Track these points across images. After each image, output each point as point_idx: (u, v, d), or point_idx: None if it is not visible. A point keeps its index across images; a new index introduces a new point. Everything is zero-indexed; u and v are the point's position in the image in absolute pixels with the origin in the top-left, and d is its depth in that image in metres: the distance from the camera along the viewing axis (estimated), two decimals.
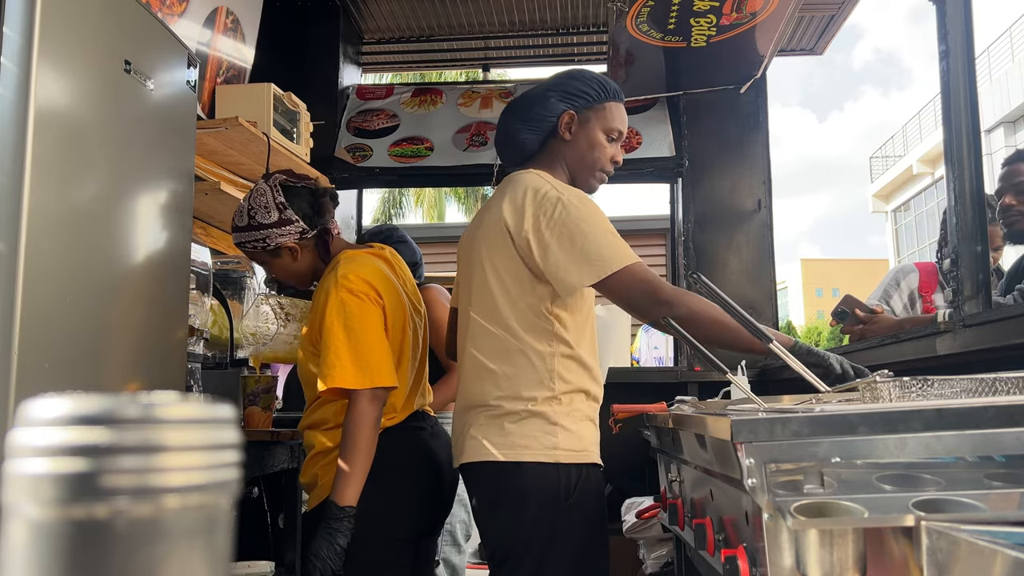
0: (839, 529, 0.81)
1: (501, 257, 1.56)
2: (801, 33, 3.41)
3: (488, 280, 1.58)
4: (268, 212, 1.76)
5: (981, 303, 1.51)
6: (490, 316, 1.57)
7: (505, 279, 1.56)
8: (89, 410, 0.23)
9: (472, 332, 1.60)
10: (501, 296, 1.56)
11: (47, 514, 0.23)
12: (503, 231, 1.56)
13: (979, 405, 0.86)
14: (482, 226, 1.63)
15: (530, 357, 1.53)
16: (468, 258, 1.67)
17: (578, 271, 1.49)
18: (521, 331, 1.54)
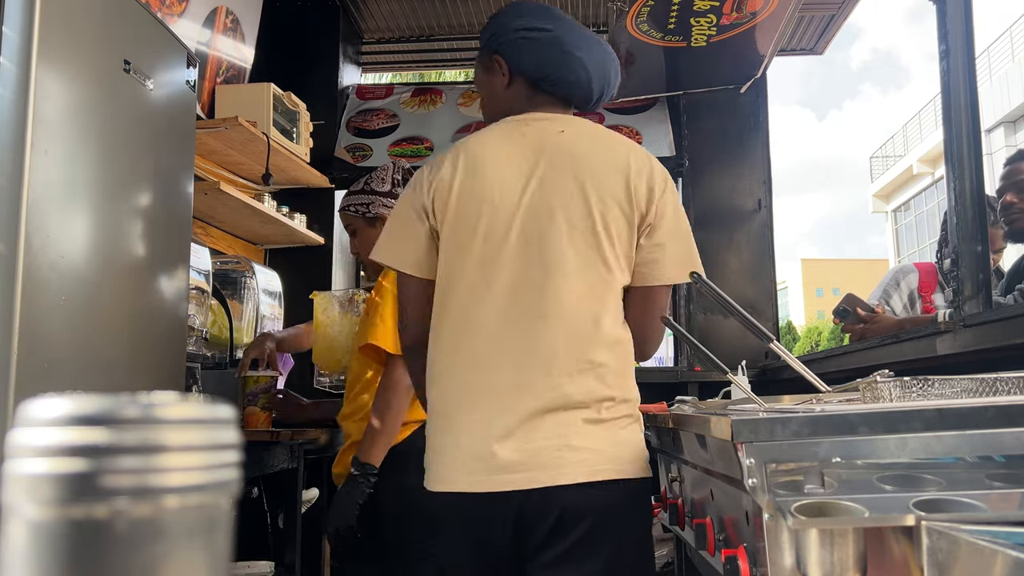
0: (839, 529, 0.80)
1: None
2: (801, 33, 3.41)
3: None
4: (383, 182, 1.96)
5: (981, 303, 1.51)
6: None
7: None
8: (88, 410, 0.23)
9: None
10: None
11: (47, 514, 0.23)
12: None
13: (979, 405, 0.86)
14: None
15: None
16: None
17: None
18: None
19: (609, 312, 1.31)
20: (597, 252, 1.30)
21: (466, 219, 1.31)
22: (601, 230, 1.30)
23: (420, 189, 1.34)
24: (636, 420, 1.33)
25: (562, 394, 1.24)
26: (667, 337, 5.47)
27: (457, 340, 1.28)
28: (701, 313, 3.22)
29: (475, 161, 1.33)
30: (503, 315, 1.27)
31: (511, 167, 1.32)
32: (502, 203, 1.30)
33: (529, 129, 1.36)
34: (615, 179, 1.32)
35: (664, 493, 1.85)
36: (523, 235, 1.29)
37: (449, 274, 1.31)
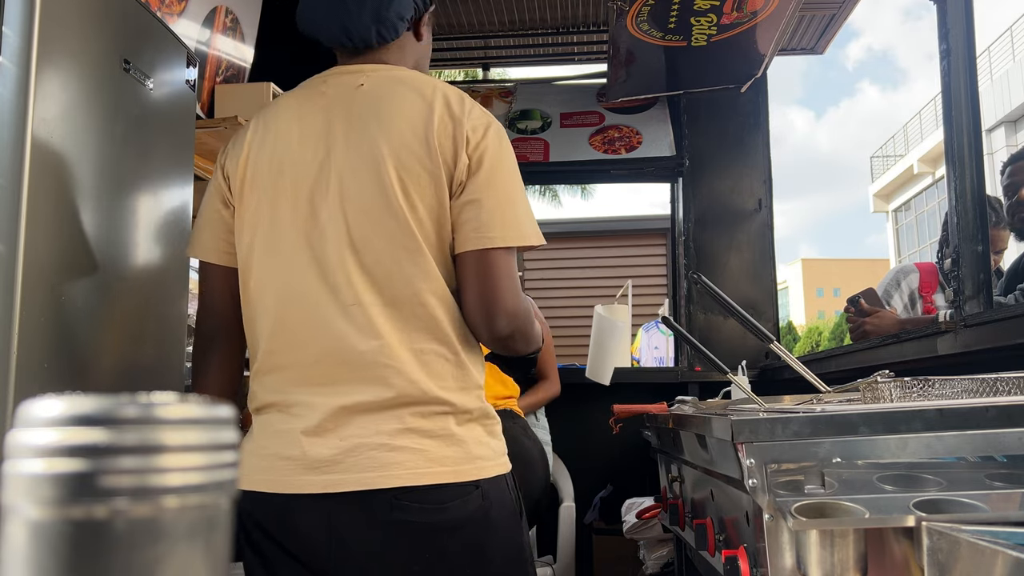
0: (840, 529, 0.80)
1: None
2: (802, 33, 3.41)
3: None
4: None
5: (982, 303, 1.51)
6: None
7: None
8: (88, 410, 0.23)
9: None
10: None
11: (46, 514, 0.23)
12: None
13: (980, 405, 0.86)
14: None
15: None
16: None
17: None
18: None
19: (429, 290, 1.11)
20: (401, 223, 1.10)
21: (255, 196, 1.16)
22: (398, 195, 1.10)
23: (217, 167, 1.23)
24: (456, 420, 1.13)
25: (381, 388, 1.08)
26: (667, 337, 5.47)
27: (264, 333, 1.14)
28: (701, 313, 3.21)
29: (266, 130, 1.20)
30: (305, 301, 1.11)
31: (302, 133, 1.17)
32: (292, 174, 1.15)
33: (327, 87, 1.23)
34: (414, 131, 1.12)
35: (664, 493, 1.85)
36: (317, 211, 1.12)
37: (242, 260, 1.18)
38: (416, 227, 1.10)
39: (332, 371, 1.08)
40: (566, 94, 3.56)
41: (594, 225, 7.00)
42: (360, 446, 1.04)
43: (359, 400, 1.06)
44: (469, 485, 1.06)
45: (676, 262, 3.39)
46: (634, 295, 5.60)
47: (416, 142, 1.11)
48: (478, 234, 1.10)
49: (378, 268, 1.10)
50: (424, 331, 1.10)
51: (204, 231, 1.22)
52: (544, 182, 9.68)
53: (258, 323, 1.14)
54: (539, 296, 6.43)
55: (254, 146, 1.18)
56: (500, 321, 1.11)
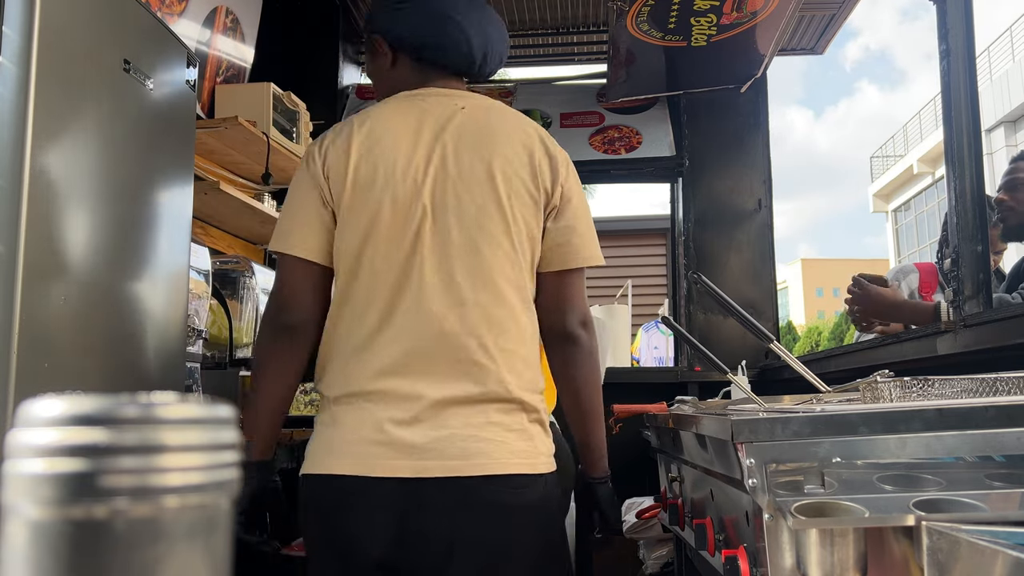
0: (840, 529, 0.80)
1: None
2: (802, 33, 3.41)
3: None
4: None
5: (982, 303, 1.51)
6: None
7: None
8: (88, 410, 0.23)
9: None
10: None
11: (46, 514, 0.23)
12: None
13: (980, 405, 0.86)
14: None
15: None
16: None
17: None
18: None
19: (520, 299, 1.25)
20: (506, 235, 1.24)
21: (366, 198, 1.22)
22: (508, 211, 1.24)
23: (315, 165, 1.26)
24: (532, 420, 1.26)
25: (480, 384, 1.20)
26: (667, 337, 5.47)
27: (369, 327, 1.21)
28: (701, 313, 3.21)
29: (372, 135, 1.25)
30: (419, 298, 1.20)
31: (412, 143, 1.25)
32: (403, 181, 1.22)
33: (428, 104, 1.29)
34: (520, 157, 1.27)
35: (664, 493, 1.84)
36: (430, 216, 1.22)
37: (349, 257, 1.23)
38: (517, 242, 1.24)
39: (433, 365, 1.19)
40: (566, 94, 3.56)
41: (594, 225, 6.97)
42: (453, 436, 1.15)
43: (455, 394, 1.17)
44: (538, 476, 1.20)
45: (676, 262, 3.39)
46: (634, 295, 5.58)
47: (523, 168, 1.26)
48: (574, 255, 1.29)
49: (482, 274, 1.21)
50: (514, 335, 1.22)
51: (308, 230, 1.25)
52: None
53: (365, 317, 1.22)
54: None
55: (363, 150, 1.24)
56: (578, 320, 1.31)
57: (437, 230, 1.21)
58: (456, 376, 1.18)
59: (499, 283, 1.22)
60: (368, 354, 1.20)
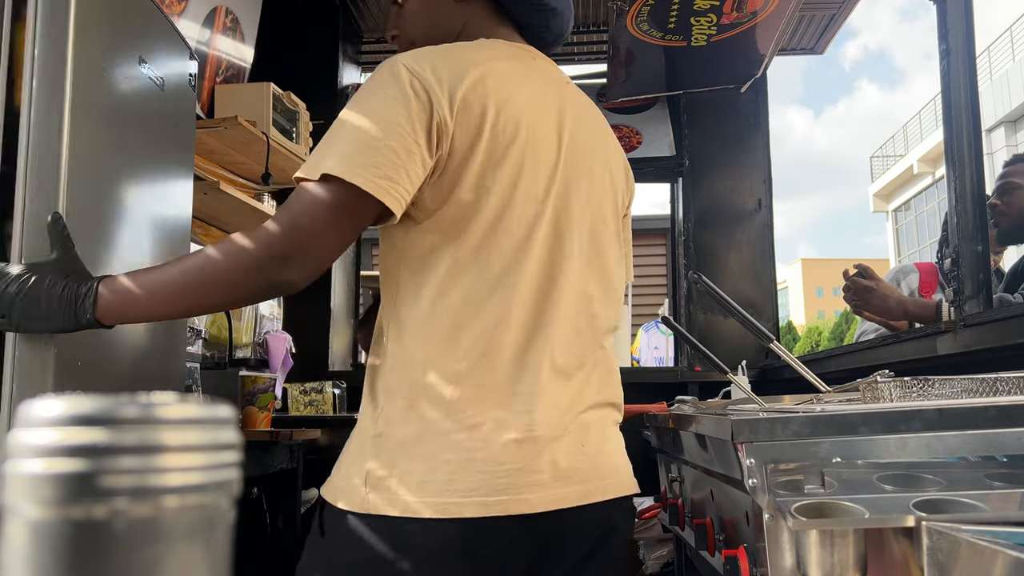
0: (840, 529, 0.80)
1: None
2: (802, 32, 3.41)
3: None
4: None
5: (982, 303, 1.51)
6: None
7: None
8: (88, 410, 0.23)
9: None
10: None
11: (46, 514, 0.23)
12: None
13: (980, 405, 0.86)
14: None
15: None
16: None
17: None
18: None
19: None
20: (618, 238, 1.15)
21: (504, 161, 0.98)
22: (616, 211, 1.15)
23: (436, 99, 0.94)
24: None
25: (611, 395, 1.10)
26: (667, 337, 5.47)
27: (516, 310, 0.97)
28: (701, 313, 3.21)
29: (507, 88, 1.00)
30: (540, 295, 1.00)
31: (544, 110, 1.04)
32: (541, 151, 1.01)
33: (539, 69, 1.08)
34: (618, 156, 1.20)
35: (664, 493, 1.84)
36: (567, 191, 1.04)
37: (470, 228, 0.97)
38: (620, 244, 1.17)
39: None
40: None
41: None
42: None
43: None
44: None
45: (676, 262, 3.39)
46: (634, 295, 5.57)
47: (623, 168, 1.20)
48: (628, 268, 1.23)
49: (607, 267, 1.10)
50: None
51: (404, 177, 0.93)
52: None
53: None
54: None
55: (493, 100, 0.98)
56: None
57: (573, 220, 1.04)
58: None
59: (616, 280, 1.12)
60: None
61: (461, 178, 0.96)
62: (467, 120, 0.96)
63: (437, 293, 0.96)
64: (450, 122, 0.95)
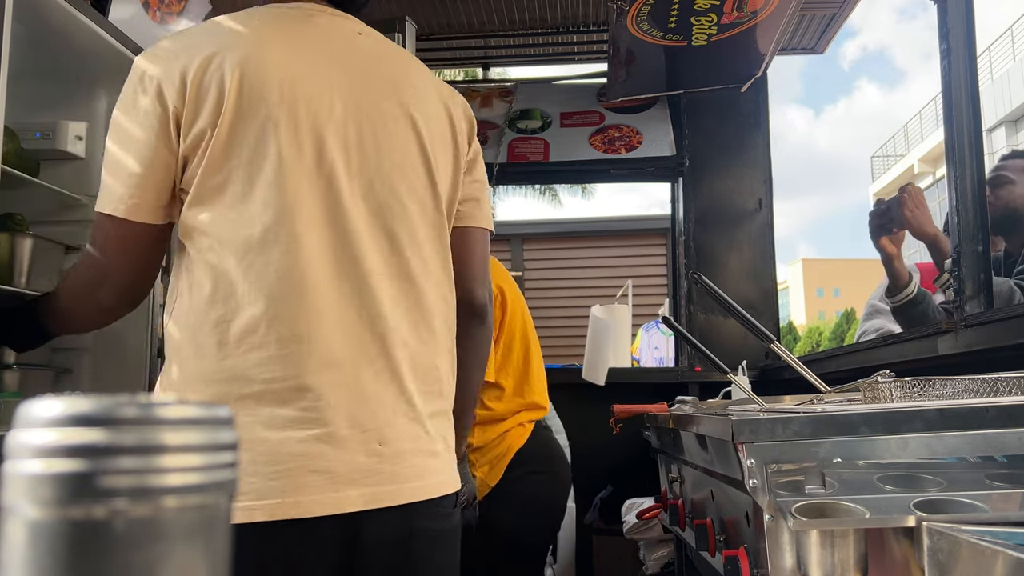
0: (840, 530, 0.80)
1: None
2: (802, 32, 3.41)
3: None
4: None
5: (982, 303, 1.51)
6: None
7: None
8: (87, 410, 0.23)
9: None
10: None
11: (46, 514, 0.23)
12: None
13: (980, 405, 0.86)
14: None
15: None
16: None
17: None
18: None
19: (449, 270, 1.08)
20: (431, 194, 1.05)
21: (249, 139, 0.94)
22: (433, 165, 1.06)
23: (169, 91, 0.93)
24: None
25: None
26: (667, 337, 5.47)
27: (272, 302, 0.92)
28: (701, 313, 3.21)
29: (257, 56, 0.96)
30: (332, 273, 0.95)
31: (312, 67, 0.99)
32: (303, 110, 0.96)
33: (319, 24, 1.04)
34: (436, 102, 1.09)
35: (664, 493, 1.84)
36: (342, 169, 0.98)
37: (230, 216, 0.93)
38: (441, 205, 1.07)
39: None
40: (566, 94, 3.56)
41: (594, 225, 7.00)
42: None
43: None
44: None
45: (676, 262, 3.39)
46: (634, 295, 5.60)
47: (443, 116, 1.10)
48: (478, 212, 1.15)
49: (406, 234, 1.02)
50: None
51: (151, 191, 0.95)
52: (544, 182, 9.68)
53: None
54: (539, 296, 6.43)
55: (233, 73, 0.94)
56: (485, 292, 1.16)
57: (353, 184, 0.99)
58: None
59: (426, 260, 1.04)
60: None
61: (218, 155, 0.94)
62: (206, 100, 0.93)
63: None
64: (184, 109, 0.93)
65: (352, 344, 0.94)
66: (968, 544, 0.69)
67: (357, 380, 0.94)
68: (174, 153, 0.95)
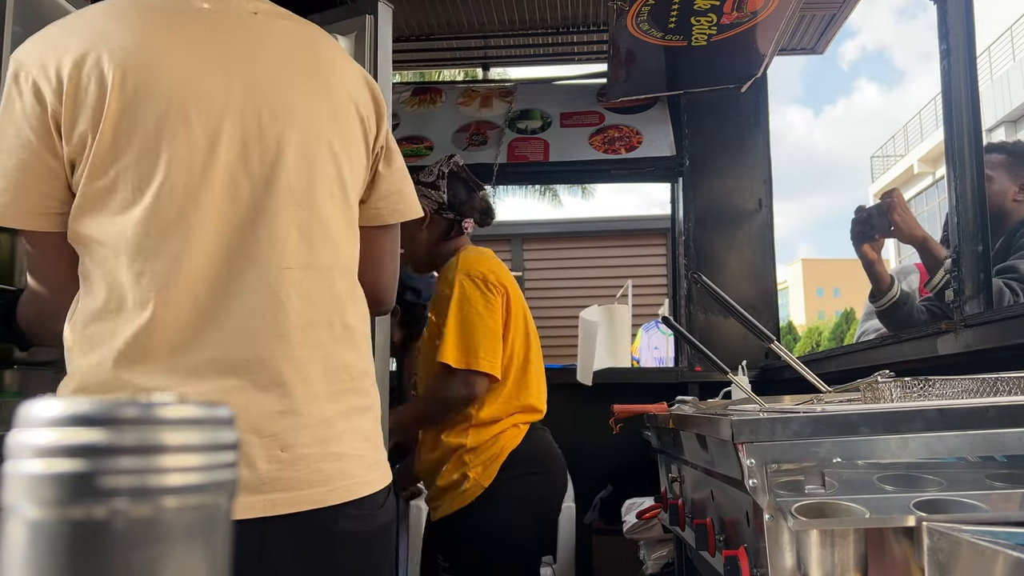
0: (840, 529, 0.80)
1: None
2: (802, 32, 3.41)
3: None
4: (430, 174, 1.91)
5: (982, 303, 1.51)
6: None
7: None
8: (88, 410, 0.23)
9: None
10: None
11: (46, 514, 0.23)
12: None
13: (980, 405, 0.86)
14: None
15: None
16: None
17: None
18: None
19: (356, 262, 1.03)
20: (339, 184, 1.00)
21: (135, 141, 0.88)
22: (340, 153, 1.00)
23: (45, 89, 0.87)
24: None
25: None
26: (667, 337, 5.47)
27: (165, 309, 0.87)
28: (701, 313, 3.21)
29: (137, 53, 0.89)
30: (224, 266, 0.90)
31: (199, 64, 0.92)
32: (196, 118, 0.90)
33: (200, 8, 0.97)
34: (341, 85, 1.03)
35: (664, 493, 1.84)
36: (240, 163, 0.92)
37: (117, 222, 0.88)
38: (349, 196, 1.02)
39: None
40: (566, 94, 3.56)
41: (594, 225, 7.00)
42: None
43: None
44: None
45: (676, 262, 3.39)
46: (634, 295, 5.59)
47: (348, 101, 1.03)
48: (402, 206, 1.11)
49: (320, 230, 0.97)
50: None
51: (35, 195, 0.89)
52: (544, 182, 9.67)
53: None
54: (539, 296, 6.43)
55: (113, 74, 0.88)
56: (393, 296, 1.17)
57: (255, 184, 0.93)
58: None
59: (338, 249, 1.00)
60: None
61: (102, 159, 0.87)
62: (85, 101, 0.87)
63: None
64: (62, 108, 0.87)
65: (252, 346, 0.89)
66: (968, 544, 0.69)
67: (257, 384, 0.89)
68: (59, 157, 0.88)
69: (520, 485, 1.77)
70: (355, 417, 0.98)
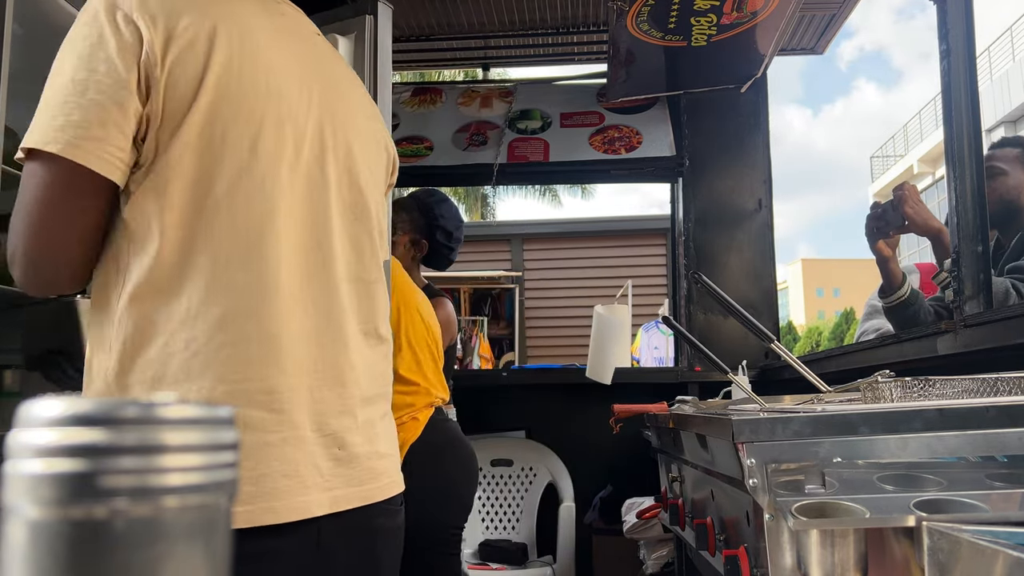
0: (840, 529, 0.80)
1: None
2: (802, 32, 3.41)
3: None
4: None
5: (982, 303, 1.51)
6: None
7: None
8: (88, 410, 0.23)
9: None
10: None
11: (46, 514, 0.23)
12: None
13: (980, 405, 0.86)
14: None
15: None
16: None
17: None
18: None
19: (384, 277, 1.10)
20: (375, 203, 1.06)
21: (238, 120, 0.85)
22: (379, 181, 1.09)
23: (138, 40, 0.80)
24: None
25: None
26: (667, 337, 5.47)
27: (245, 299, 0.85)
28: (701, 313, 3.21)
29: (247, 37, 0.88)
30: (304, 277, 0.92)
31: (286, 67, 0.93)
32: (289, 112, 0.91)
33: (286, 14, 0.99)
34: (382, 128, 1.13)
35: (664, 493, 1.84)
36: (321, 156, 0.96)
37: (203, 196, 0.83)
38: (383, 215, 1.09)
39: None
40: (566, 94, 3.56)
41: (594, 225, 7.01)
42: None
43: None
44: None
45: (676, 262, 3.39)
46: (634, 295, 5.59)
47: (379, 136, 1.11)
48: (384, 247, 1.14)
49: (368, 244, 1.03)
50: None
51: (117, 134, 0.80)
52: (544, 182, 9.68)
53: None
54: (539, 296, 6.43)
55: (220, 46, 0.85)
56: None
57: (331, 192, 0.96)
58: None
59: (373, 269, 1.04)
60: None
61: (182, 132, 0.82)
62: (189, 60, 0.82)
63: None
64: (165, 60, 0.81)
65: (316, 348, 0.92)
66: (968, 544, 0.69)
67: (320, 384, 0.92)
68: (141, 106, 0.80)
69: (424, 476, 1.71)
70: (388, 420, 1.05)
